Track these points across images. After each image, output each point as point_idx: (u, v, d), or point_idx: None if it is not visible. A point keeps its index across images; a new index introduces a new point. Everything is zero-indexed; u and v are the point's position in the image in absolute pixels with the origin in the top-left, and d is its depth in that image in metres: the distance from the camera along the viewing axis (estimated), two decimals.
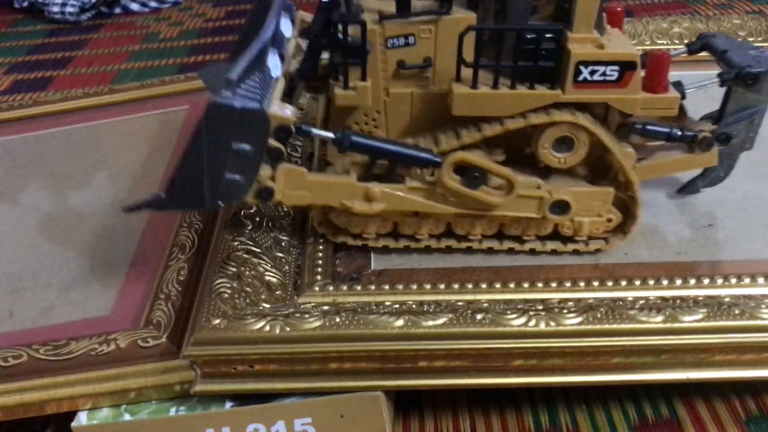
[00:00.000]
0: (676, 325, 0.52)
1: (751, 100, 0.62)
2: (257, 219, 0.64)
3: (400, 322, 0.52)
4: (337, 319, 0.52)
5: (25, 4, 1.55)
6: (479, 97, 0.54)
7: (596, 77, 0.53)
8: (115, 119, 0.96)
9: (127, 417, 0.55)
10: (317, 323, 0.52)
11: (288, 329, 0.52)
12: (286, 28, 0.60)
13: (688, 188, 0.68)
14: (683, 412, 0.57)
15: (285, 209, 0.67)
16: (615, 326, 0.52)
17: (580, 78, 0.53)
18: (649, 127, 0.59)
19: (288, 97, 0.58)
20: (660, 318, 0.52)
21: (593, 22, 0.53)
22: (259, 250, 0.60)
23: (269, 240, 0.62)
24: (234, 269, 0.57)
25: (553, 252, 0.61)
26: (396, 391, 0.57)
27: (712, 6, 1.34)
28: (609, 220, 0.60)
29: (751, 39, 0.95)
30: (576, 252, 0.61)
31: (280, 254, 0.61)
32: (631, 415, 0.57)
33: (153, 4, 1.54)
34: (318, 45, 0.56)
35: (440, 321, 0.52)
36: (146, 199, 0.56)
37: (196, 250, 0.65)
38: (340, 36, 0.54)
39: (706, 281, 0.58)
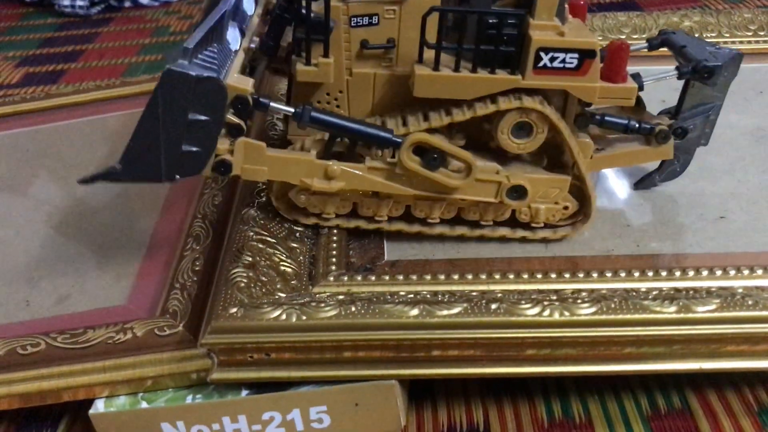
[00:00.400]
0: (690, 315, 0.52)
1: (707, 96, 0.63)
2: (271, 209, 0.64)
3: (415, 312, 0.52)
4: (353, 308, 0.53)
5: None
6: (440, 79, 0.55)
7: (556, 64, 0.54)
8: (127, 112, 0.97)
9: (144, 405, 0.55)
10: (333, 312, 0.52)
11: (304, 318, 0.52)
12: (249, 4, 0.60)
13: (644, 182, 0.68)
14: (695, 402, 0.57)
15: None
16: (629, 316, 0.52)
17: (540, 64, 0.54)
18: (607, 118, 0.61)
19: (249, 74, 0.57)
20: (673, 308, 0.52)
21: (554, 10, 0.54)
22: (273, 240, 0.61)
23: (283, 230, 0.62)
24: (249, 259, 0.58)
25: (523, 239, 0.63)
26: (410, 380, 0.57)
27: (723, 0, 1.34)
28: (565, 208, 0.61)
29: (761, 33, 0.95)
30: (545, 240, 0.62)
31: (294, 244, 0.62)
32: (644, 405, 0.58)
33: None
34: (281, 20, 0.57)
35: (455, 310, 0.53)
36: (101, 170, 0.55)
37: (211, 241, 0.66)
38: (304, 11, 0.54)
39: (719, 272, 0.58)
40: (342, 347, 0.53)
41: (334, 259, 0.61)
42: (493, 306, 0.53)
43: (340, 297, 0.56)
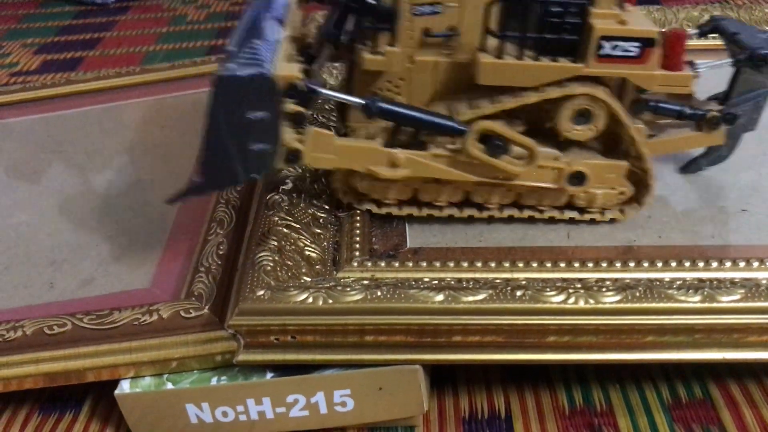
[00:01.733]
0: (714, 304, 0.52)
1: (757, 83, 0.63)
2: (294, 196, 0.64)
3: (440, 297, 0.53)
4: (379, 293, 0.53)
5: None
6: (504, 67, 0.56)
7: (617, 52, 0.55)
8: (146, 99, 0.97)
9: (169, 386, 0.56)
10: (359, 296, 0.53)
11: (331, 301, 0.53)
12: None
13: (690, 167, 0.69)
14: (716, 392, 0.58)
15: (320, 188, 0.67)
16: (653, 305, 0.52)
17: (602, 52, 0.55)
18: (661, 104, 0.61)
19: (308, 63, 0.59)
20: (698, 297, 0.53)
21: None
22: (298, 226, 0.61)
23: (307, 216, 0.63)
24: (275, 243, 0.58)
25: (571, 220, 0.63)
26: (432, 366, 0.58)
27: None
28: (621, 193, 0.62)
29: None
30: (593, 221, 0.63)
31: (318, 230, 0.62)
32: (665, 395, 0.58)
33: None
34: (347, 8, 0.57)
35: (480, 296, 0.53)
36: (183, 188, 0.57)
37: (235, 226, 0.66)
38: (371, 0, 0.54)
39: (742, 264, 0.58)
40: (365, 331, 0.53)
41: (357, 245, 0.61)
42: (519, 293, 0.53)
43: (365, 282, 0.56)
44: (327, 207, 0.65)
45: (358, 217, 0.64)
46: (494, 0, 0.55)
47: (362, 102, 0.56)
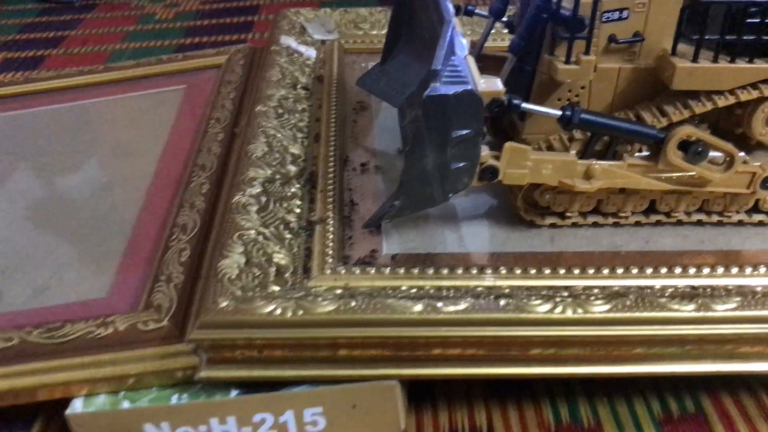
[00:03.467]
0: (709, 314, 0.49)
1: None
2: (264, 199, 0.61)
3: (419, 307, 0.49)
4: (353, 303, 0.49)
5: None
6: (700, 71, 0.56)
7: None
8: (110, 98, 0.93)
9: (125, 404, 0.51)
10: (331, 307, 0.49)
11: (301, 313, 0.49)
12: (451, 7, 0.60)
13: None
14: (710, 406, 0.55)
15: (293, 190, 0.64)
16: (645, 314, 0.49)
17: None
18: None
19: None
20: (692, 306, 0.50)
21: None
22: (267, 232, 0.57)
23: (277, 221, 0.59)
24: (241, 250, 0.54)
25: (760, 224, 0.62)
26: (409, 382, 0.54)
27: None
28: None
29: None
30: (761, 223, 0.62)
31: (289, 236, 0.58)
32: (655, 410, 0.55)
33: None
34: (537, 19, 0.57)
35: (462, 306, 0.49)
36: (381, 210, 0.60)
37: (199, 231, 0.62)
38: (566, 11, 0.55)
39: (735, 270, 0.56)
40: (338, 345, 0.50)
41: (330, 252, 0.57)
42: (502, 302, 0.50)
43: (338, 291, 0.53)
44: (298, 211, 0.62)
45: (332, 222, 0.61)
46: (690, 3, 0.55)
47: (560, 113, 0.55)
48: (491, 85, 0.52)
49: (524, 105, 0.55)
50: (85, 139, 0.84)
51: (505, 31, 0.70)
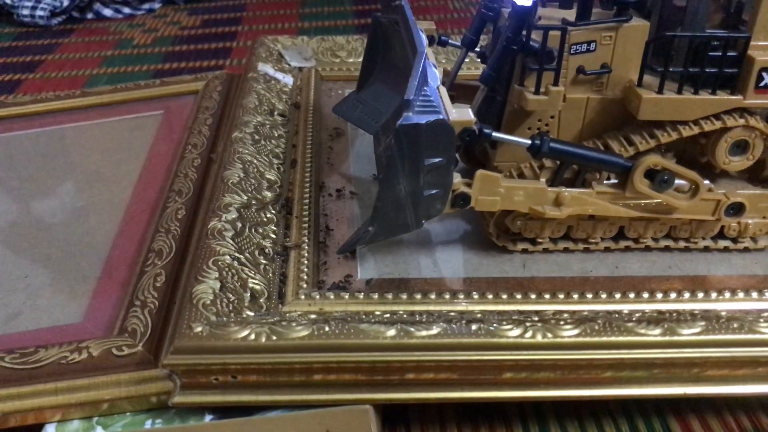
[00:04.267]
0: (675, 338, 0.51)
1: None
2: (239, 225, 0.61)
3: (392, 332, 0.50)
4: (327, 328, 0.50)
5: None
6: (665, 102, 0.57)
7: None
8: (86, 123, 0.93)
9: (99, 430, 0.51)
10: (305, 332, 0.50)
11: (275, 338, 0.49)
12: (424, 39, 0.61)
13: None
14: (677, 428, 0.56)
15: (268, 215, 0.64)
16: (613, 338, 0.50)
17: (762, 84, 0.57)
18: None
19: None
20: (658, 331, 0.51)
21: None
22: (242, 257, 0.58)
23: (252, 246, 0.60)
24: (216, 275, 0.54)
25: (726, 249, 0.64)
26: (383, 405, 0.54)
27: None
28: None
29: None
30: (746, 249, 0.64)
31: (264, 261, 0.59)
32: (624, 431, 0.56)
33: (126, 11, 1.51)
34: (508, 51, 0.58)
35: (434, 331, 0.50)
36: (355, 237, 0.61)
37: (174, 256, 0.62)
38: (535, 43, 0.57)
39: (701, 295, 0.57)
40: (312, 369, 0.50)
41: (305, 277, 0.58)
42: (474, 327, 0.51)
43: (312, 316, 0.53)
44: (273, 237, 0.62)
45: (306, 247, 0.61)
46: (661, 37, 0.57)
47: (530, 142, 0.56)
48: (462, 114, 0.54)
49: (495, 134, 0.56)
50: (62, 163, 0.84)
51: (479, 60, 0.72)
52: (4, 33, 1.43)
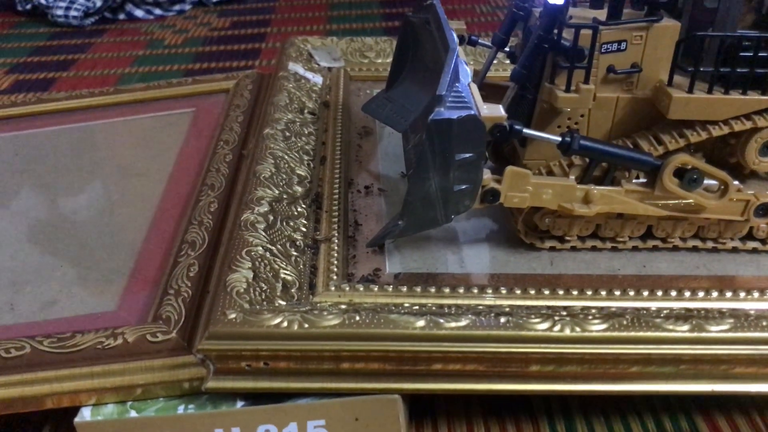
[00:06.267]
0: (703, 334, 0.51)
1: None
2: (271, 218, 0.62)
3: (421, 323, 0.51)
4: (357, 318, 0.51)
5: (28, 6, 1.54)
6: (696, 101, 0.57)
7: None
8: (119, 119, 0.95)
9: (132, 414, 0.52)
10: (336, 321, 0.50)
11: (307, 326, 0.50)
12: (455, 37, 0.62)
13: None
14: (704, 426, 0.56)
15: (299, 209, 0.65)
16: (641, 334, 0.51)
17: None
18: None
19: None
20: (686, 327, 0.51)
21: None
22: (274, 248, 0.59)
23: (284, 239, 0.61)
24: (249, 264, 0.56)
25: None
26: (410, 396, 0.55)
27: None
28: None
29: None
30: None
31: (295, 253, 0.60)
32: (650, 428, 0.56)
33: (157, 12, 1.54)
34: (539, 49, 0.59)
35: (463, 323, 0.51)
36: (384, 230, 0.61)
37: (207, 247, 0.63)
38: (566, 42, 0.57)
39: (729, 294, 0.57)
40: (342, 358, 0.51)
41: (335, 269, 0.59)
42: (502, 319, 0.51)
43: (342, 306, 0.54)
44: (304, 230, 0.63)
45: (336, 241, 0.62)
46: (685, 37, 0.57)
47: (560, 139, 0.57)
48: (493, 110, 0.54)
49: (525, 131, 0.57)
50: (95, 158, 0.86)
51: (507, 61, 0.72)
52: (39, 33, 1.46)
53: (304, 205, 0.66)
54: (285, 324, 0.50)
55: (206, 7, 1.59)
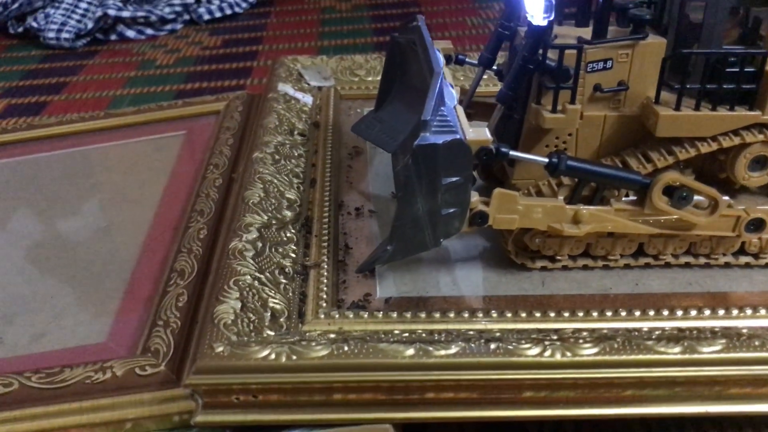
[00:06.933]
0: (695, 356, 0.50)
1: None
2: (260, 245, 0.62)
3: (411, 351, 0.50)
4: (346, 348, 0.50)
5: (20, 29, 1.54)
6: (683, 118, 0.57)
7: None
8: (110, 144, 0.95)
9: None
10: (325, 351, 0.50)
11: (294, 357, 0.50)
12: (441, 58, 0.63)
13: None
14: None
15: (288, 235, 0.65)
16: (632, 357, 0.50)
17: None
18: None
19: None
20: (678, 349, 0.51)
21: None
22: (262, 276, 0.58)
23: (273, 266, 0.60)
24: (237, 295, 0.55)
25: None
26: (403, 424, 0.55)
27: None
28: None
29: None
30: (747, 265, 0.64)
31: (284, 281, 0.59)
32: None
33: (149, 32, 1.54)
34: (524, 70, 0.58)
35: (453, 350, 0.50)
36: (373, 256, 0.61)
37: (196, 276, 0.63)
38: (551, 62, 0.57)
39: (722, 312, 0.57)
40: (332, 389, 0.50)
41: (324, 296, 0.59)
42: (492, 346, 0.51)
43: (332, 335, 0.54)
44: (293, 256, 0.63)
45: (326, 266, 0.62)
46: (671, 54, 0.57)
47: (548, 160, 0.57)
48: (479, 134, 0.54)
49: (512, 153, 0.56)
50: (86, 184, 0.86)
51: (496, 78, 0.72)
52: (31, 56, 1.46)
53: (293, 230, 0.66)
54: (273, 356, 0.49)
55: (198, 26, 1.59)
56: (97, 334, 0.61)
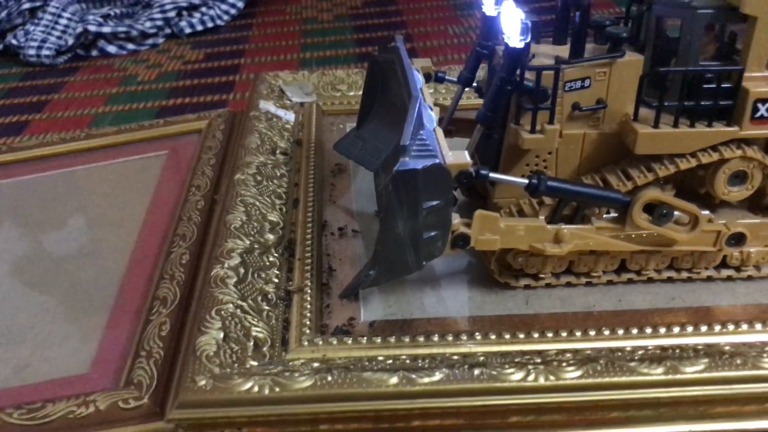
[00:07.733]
0: (678, 376, 0.50)
1: None
2: (242, 271, 0.61)
3: (394, 380, 0.50)
4: (329, 378, 0.50)
5: (0, 47, 1.53)
6: (662, 136, 0.57)
7: None
8: (92, 165, 0.94)
9: None
10: (308, 382, 0.50)
11: (278, 389, 0.49)
12: (419, 78, 0.62)
13: None
14: None
15: (271, 259, 0.65)
16: (615, 379, 0.50)
17: (757, 115, 0.57)
18: None
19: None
20: (661, 369, 0.51)
21: (765, 61, 0.58)
22: (245, 304, 0.58)
23: (255, 292, 0.60)
24: (219, 325, 0.55)
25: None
26: None
27: None
28: None
29: None
30: (750, 278, 0.64)
31: (267, 307, 0.59)
32: None
33: (130, 47, 1.53)
34: (502, 91, 0.58)
35: (436, 377, 0.50)
36: (356, 281, 0.61)
37: (178, 304, 0.63)
38: (529, 83, 0.57)
39: (704, 328, 0.57)
40: (318, 420, 0.50)
41: (308, 322, 0.58)
42: (476, 371, 0.51)
43: (316, 364, 0.53)
44: (276, 281, 0.62)
45: (309, 291, 0.62)
46: (656, 72, 0.58)
47: (527, 181, 0.57)
48: (458, 157, 0.54)
49: (492, 175, 0.57)
50: (68, 208, 0.85)
51: (476, 94, 0.72)
52: (11, 73, 1.45)
53: (276, 254, 0.66)
54: (256, 389, 0.49)
55: (179, 39, 1.58)
56: (80, 364, 0.60)
